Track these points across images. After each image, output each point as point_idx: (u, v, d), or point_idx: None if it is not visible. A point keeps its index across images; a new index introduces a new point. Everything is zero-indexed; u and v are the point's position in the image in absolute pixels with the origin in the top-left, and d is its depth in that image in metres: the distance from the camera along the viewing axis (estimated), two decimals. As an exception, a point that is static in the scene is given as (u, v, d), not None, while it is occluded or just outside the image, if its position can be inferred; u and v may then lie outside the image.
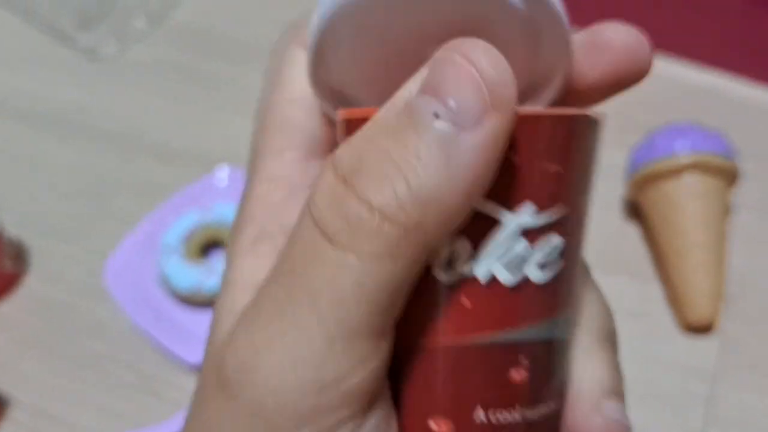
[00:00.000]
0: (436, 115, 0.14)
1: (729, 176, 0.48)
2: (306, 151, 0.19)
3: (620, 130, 0.58)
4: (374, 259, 0.14)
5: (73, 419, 0.45)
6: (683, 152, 0.47)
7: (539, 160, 0.16)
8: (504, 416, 0.17)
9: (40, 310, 0.50)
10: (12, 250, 0.51)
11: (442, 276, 0.16)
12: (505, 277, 0.16)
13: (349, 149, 0.15)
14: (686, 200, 0.47)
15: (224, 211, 0.51)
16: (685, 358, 0.46)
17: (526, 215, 0.16)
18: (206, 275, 0.48)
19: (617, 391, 0.19)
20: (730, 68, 0.61)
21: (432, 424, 0.17)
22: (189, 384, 0.46)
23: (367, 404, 0.16)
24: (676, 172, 0.47)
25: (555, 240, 0.17)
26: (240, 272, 0.18)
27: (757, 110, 0.59)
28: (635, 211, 0.52)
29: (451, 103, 0.14)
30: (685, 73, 0.62)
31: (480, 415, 0.17)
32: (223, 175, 0.55)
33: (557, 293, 0.17)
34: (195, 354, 0.46)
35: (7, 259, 0.51)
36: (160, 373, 0.47)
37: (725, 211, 0.48)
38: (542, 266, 0.17)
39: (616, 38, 0.18)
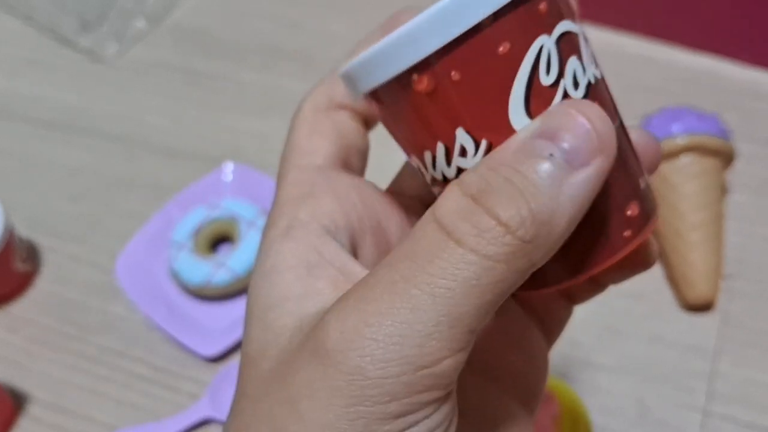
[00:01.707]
0: (551, 155, 0.17)
1: (725, 157, 0.49)
2: (320, 165, 0.22)
3: (617, 115, 0.59)
4: (493, 261, 0.17)
5: (90, 413, 0.46)
6: (680, 134, 0.47)
7: None
8: (646, 177, 0.20)
9: (52, 309, 0.51)
10: (23, 251, 0.52)
11: (576, 94, 0.19)
12: (597, 73, 0.19)
13: (474, 175, 0.18)
14: (683, 181, 0.48)
15: (232, 206, 0.52)
16: (686, 336, 0.47)
17: (578, 23, 0.19)
18: (216, 269, 0.49)
19: None
20: (723, 51, 0.62)
21: (629, 211, 0.19)
22: (202, 375, 0.47)
23: (447, 394, 0.18)
24: (674, 154, 0.48)
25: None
26: (281, 256, 0.21)
27: (751, 92, 0.60)
28: (634, 194, 0.53)
29: (565, 145, 0.17)
30: (679, 58, 0.63)
31: (642, 183, 0.20)
32: (228, 171, 0.55)
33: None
34: (207, 346, 0.47)
35: (18, 260, 0.52)
36: (174, 366, 0.48)
37: (722, 191, 0.49)
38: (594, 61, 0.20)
39: (642, 144, 0.22)
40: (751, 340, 0.46)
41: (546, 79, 0.18)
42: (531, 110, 0.18)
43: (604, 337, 0.47)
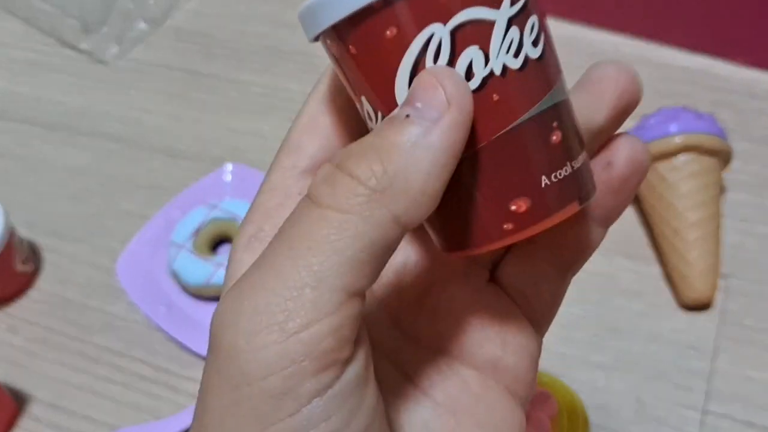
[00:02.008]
0: (408, 116, 0.18)
1: (722, 156, 0.49)
2: (304, 168, 0.22)
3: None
4: (346, 213, 0.17)
5: (90, 413, 0.47)
6: (677, 134, 0.48)
7: None
8: (560, 174, 0.20)
9: (53, 310, 0.52)
10: (24, 252, 0.53)
11: (471, 84, 0.19)
12: (514, 63, 0.19)
13: (345, 149, 0.19)
14: (681, 180, 0.48)
15: (232, 206, 0.52)
16: (684, 334, 0.47)
17: (507, 8, 0.19)
18: (216, 269, 0.49)
19: None
20: (717, 53, 0.62)
21: (513, 206, 0.19)
22: (202, 375, 0.47)
23: (331, 363, 0.17)
24: (671, 153, 0.48)
25: (533, 18, 0.19)
26: (239, 266, 0.21)
27: (746, 91, 0.60)
28: (632, 193, 0.53)
29: (418, 104, 0.18)
30: (675, 58, 0.63)
31: (545, 180, 0.19)
32: (227, 171, 0.56)
33: (552, 61, 0.20)
34: (206, 346, 0.47)
35: (19, 260, 0.52)
36: (174, 366, 0.48)
37: (719, 190, 0.49)
38: (534, 43, 0.19)
39: (610, 76, 0.22)
40: (749, 339, 0.46)
41: None
42: None
43: (602, 336, 0.47)
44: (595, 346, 0.47)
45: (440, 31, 0.18)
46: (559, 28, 0.66)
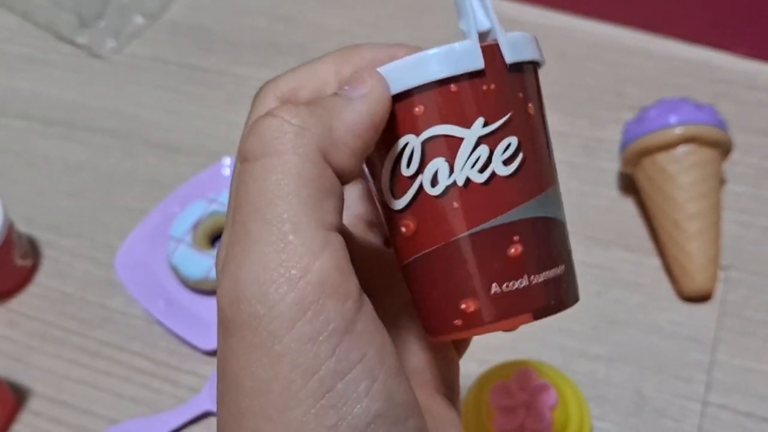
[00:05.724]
0: (335, 94, 0.20)
1: (722, 147, 0.49)
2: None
3: (614, 107, 0.59)
4: (282, 155, 0.18)
5: (90, 407, 0.47)
6: (677, 125, 0.48)
7: (478, 85, 0.21)
8: (513, 284, 0.21)
9: (52, 304, 0.52)
10: (23, 247, 0.52)
11: (432, 191, 0.21)
12: (478, 177, 0.21)
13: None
14: (681, 171, 0.48)
15: (229, 200, 0.52)
16: (684, 326, 0.47)
17: (479, 128, 0.20)
18: (214, 263, 0.49)
19: None
20: (718, 44, 0.62)
21: (462, 305, 0.21)
22: (201, 369, 0.47)
23: (346, 296, 0.18)
24: (671, 144, 0.48)
25: (509, 139, 0.21)
26: None
27: (746, 83, 0.60)
28: (630, 185, 0.53)
29: (346, 87, 0.21)
30: (675, 50, 0.63)
31: (495, 288, 0.21)
32: (226, 165, 0.56)
33: (526, 180, 0.21)
34: (206, 340, 0.47)
35: (18, 255, 0.52)
36: (173, 360, 0.48)
37: (719, 181, 0.49)
38: (505, 162, 0.21)
39: None
40: (749, 330, 0.46)
41: (406, 171, 0.21)
42: (393, 190, 0.22)
43: (602, 328, 0.47)
44: (594, 338, 0.47)
45: (413, 142, 0.21)
46: (559, 20, 0.66)
